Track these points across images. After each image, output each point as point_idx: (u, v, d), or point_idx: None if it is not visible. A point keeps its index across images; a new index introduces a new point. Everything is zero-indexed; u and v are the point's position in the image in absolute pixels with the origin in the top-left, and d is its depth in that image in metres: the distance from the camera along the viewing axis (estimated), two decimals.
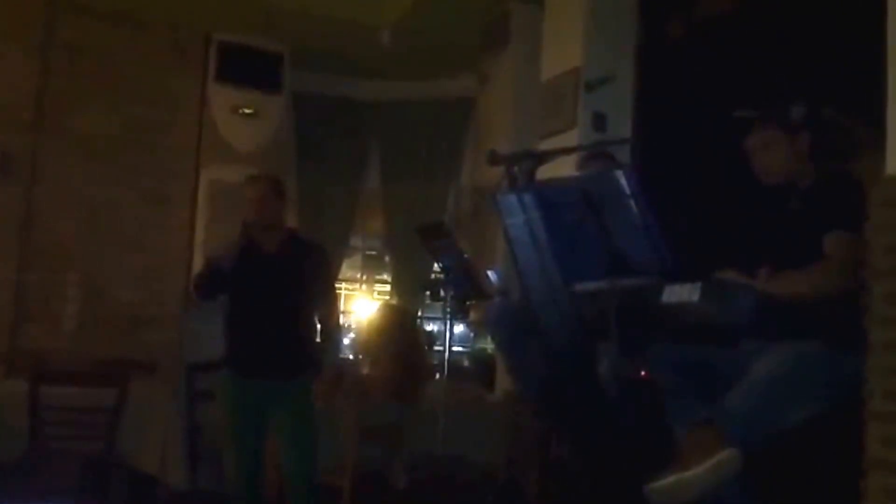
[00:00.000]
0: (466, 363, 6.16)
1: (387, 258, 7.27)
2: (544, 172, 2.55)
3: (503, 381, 4.74)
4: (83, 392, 4.11)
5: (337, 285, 4.62)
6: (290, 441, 3.60)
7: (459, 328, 5.80)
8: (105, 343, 5.52)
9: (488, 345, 5.79)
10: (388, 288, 7.26)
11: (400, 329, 4.78)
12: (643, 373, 2.80)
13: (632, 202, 2.28)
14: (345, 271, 7.15)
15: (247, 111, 6.12)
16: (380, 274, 7.48)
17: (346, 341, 6.31)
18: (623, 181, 2.30)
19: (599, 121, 4.26)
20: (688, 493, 2.19)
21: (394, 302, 6.73)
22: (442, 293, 4.63)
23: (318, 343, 3.73)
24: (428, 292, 5.11)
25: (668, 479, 2.20)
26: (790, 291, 2.30)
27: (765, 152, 2.64)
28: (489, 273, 4.41)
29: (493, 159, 2.50)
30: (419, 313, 6.55)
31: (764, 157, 2.64)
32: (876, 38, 2.19)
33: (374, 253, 7.48)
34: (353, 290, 7.42)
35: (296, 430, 3.59)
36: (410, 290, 6.41)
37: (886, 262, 2.05)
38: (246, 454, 3.60)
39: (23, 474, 4.02)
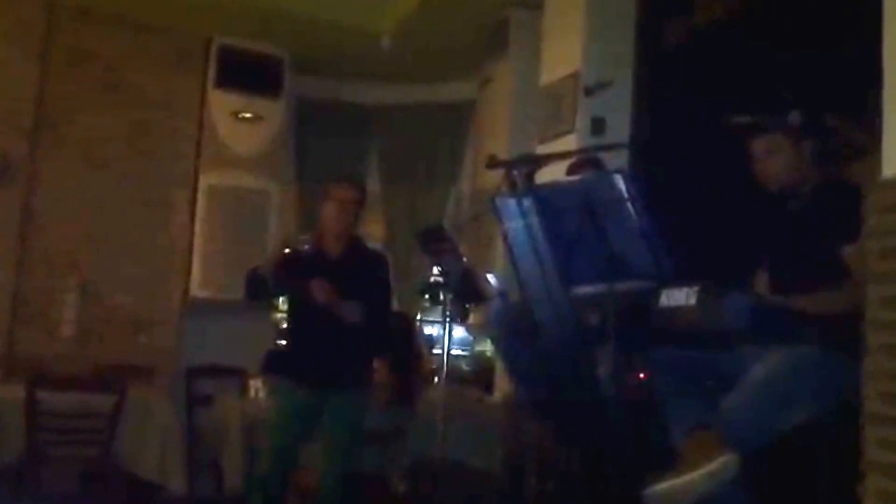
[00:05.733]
0: (466, 367, 6.15)
1: None
2: (543, 176, 2.56)
3: (502, 385, 4.74)
4: (81, 397, 4.11)
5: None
6: (335, 445, 3.62)
7: (459, 332, 5.79)
8: (103, 348, 5.51)
9: (488, 348, 5.79)
10: None
11: (399, 333, 4.77)
12: (641, 375, 2.81)
13: (630, 206, 2.29)
14: None
15: (247, 116, 6.11)
16: None
17: None
18: (621, 185, 2.31)
19: (598, 125, 4.27)
20: (686, 496, 2.20)
21: (393, 305, 6.72)
22: (441, 297, 4.62)
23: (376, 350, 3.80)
24: (427, 296, 5.11)
25: (667, 483, 2.20)
26: (827, 309, 2.30)
27: (768, 158, 2.63)
28: (489, 276, 4.40)
29: (493, 163, 2.52)
30: (418, 317, 6.55)
31: (767, 163, 2.63)
32: (874, 43, 2.20)
33: None
34: None
35: (344, 438, 3.61)
36: (410, 294, 6.41)
37: (882, 267, 2.05)
38: (284, 458, 3.61)
39: (20, 480, 4.01)
